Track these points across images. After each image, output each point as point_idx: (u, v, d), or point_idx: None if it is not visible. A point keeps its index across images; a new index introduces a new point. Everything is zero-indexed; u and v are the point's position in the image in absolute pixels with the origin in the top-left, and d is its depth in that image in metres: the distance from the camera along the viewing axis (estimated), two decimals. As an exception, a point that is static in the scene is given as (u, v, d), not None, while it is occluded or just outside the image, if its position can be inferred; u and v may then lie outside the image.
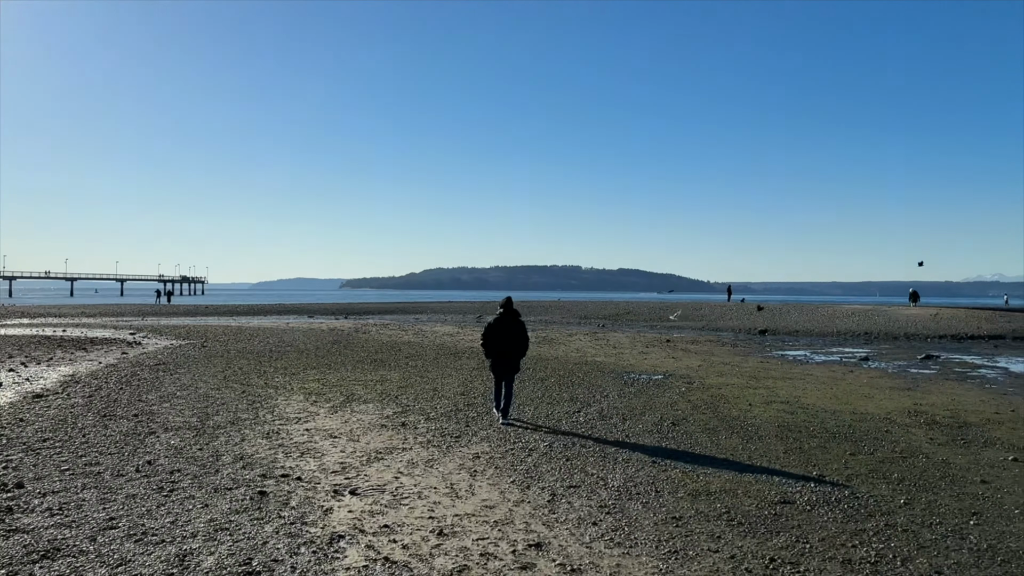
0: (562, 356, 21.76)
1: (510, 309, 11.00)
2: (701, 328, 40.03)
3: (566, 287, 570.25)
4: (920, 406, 12.88)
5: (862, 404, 13.09)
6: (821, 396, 14.10)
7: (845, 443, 9.58)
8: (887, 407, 12.75)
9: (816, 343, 30.40)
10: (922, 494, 7.07)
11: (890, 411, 12.31)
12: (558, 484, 7.41)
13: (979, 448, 9.26)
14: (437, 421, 10.88)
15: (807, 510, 6.59)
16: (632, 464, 8.27)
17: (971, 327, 35.97)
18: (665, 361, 20.76)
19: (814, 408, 12.53)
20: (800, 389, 15.12)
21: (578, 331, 35.19)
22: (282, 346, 23.60)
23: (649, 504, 6.75)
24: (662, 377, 16.93)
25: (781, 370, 19.03)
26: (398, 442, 9.40)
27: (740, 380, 16.51)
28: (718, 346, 27.47)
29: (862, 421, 11.28)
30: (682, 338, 31.31)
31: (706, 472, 7.93)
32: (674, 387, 15.10)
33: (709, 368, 19.06)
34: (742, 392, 14.47)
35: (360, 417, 11.18)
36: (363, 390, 14.06)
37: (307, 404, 12.39)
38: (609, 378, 16.53)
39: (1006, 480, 7.59)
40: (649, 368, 18.79)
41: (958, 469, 8.09)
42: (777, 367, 19.84)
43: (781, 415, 11.76)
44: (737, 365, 20.12)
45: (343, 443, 9.32)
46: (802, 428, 10.63)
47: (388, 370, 17.46)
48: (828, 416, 11.70)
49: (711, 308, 53.76)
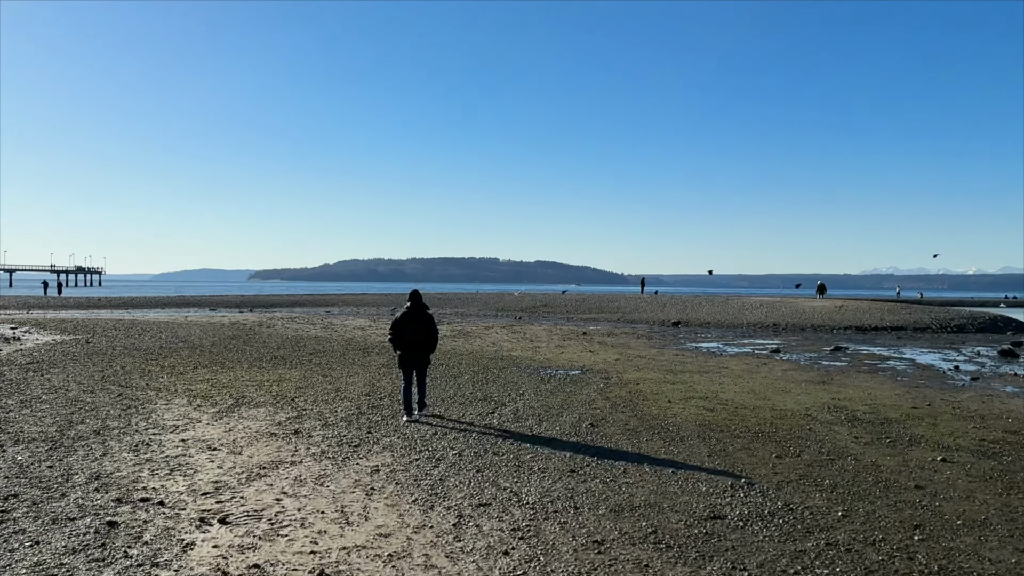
0: (477, 350, 20.93)
1: (418, 302, 10.80)
2: (617, 320, 39.99)
3: (484, 279, 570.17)
4: (838, 401, 12.67)
5: (780, 399, 12.80)
6: (739, 390, 13.76)
7: (769, 443, 9.11)
8: (806, 402, 12.48)
9: (728, 335, 30.65)
10: (859, 504, 6.57)
11: (809, 407, 12.02)
12: (466, 502, 6.54)
13: (905, 447, 8.94)
14: (336, 427, 9.84)
15: (740, 527, 5.96)
16: (549, 474, 7.50)
17: (874, 318, 37.18)
18: (582, 355, 20.23)
19: (733, 404, 12.13)
20: (717, 383, 14.78)
21: (495, 324, 34.45)
22: (174, 342, 21.84)
23: (568, 525, 5.97)
24: (579, 372, 16.33)
25: (697, 363, 18.78)
26: (287, 454, 8.32)
27: (658, 374, 16.09)
28: (634, 338, 27.25)
29: (783, 418, 10.91)
30: (598, 331, 31.01)
31: (628, 482, 7.23)
32: (592, 383, 14.50)
33: (626, 362, 18.61)
34: (661, 387, 13.99)
35: (248, 424, 10.01)
36: (256, 392, 12.83)
37: (190, 409, 11.11)
38: (525, 374, 15.80)
39: (940, 485, 7.20)
40: (566, 363, 18.18)
41: (889, 472, 7.68)
42: (693, 360, 19.60)
43: (702, 412, 11.27)
44: (653, 358, 19.78)
45: (222, 456, 8.18)
46: (724, 427, 10.14)
47: (288, 368, 16.19)
48: (749, 413, 11.29)
49: (626, 300, 54.07)
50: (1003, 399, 13.27)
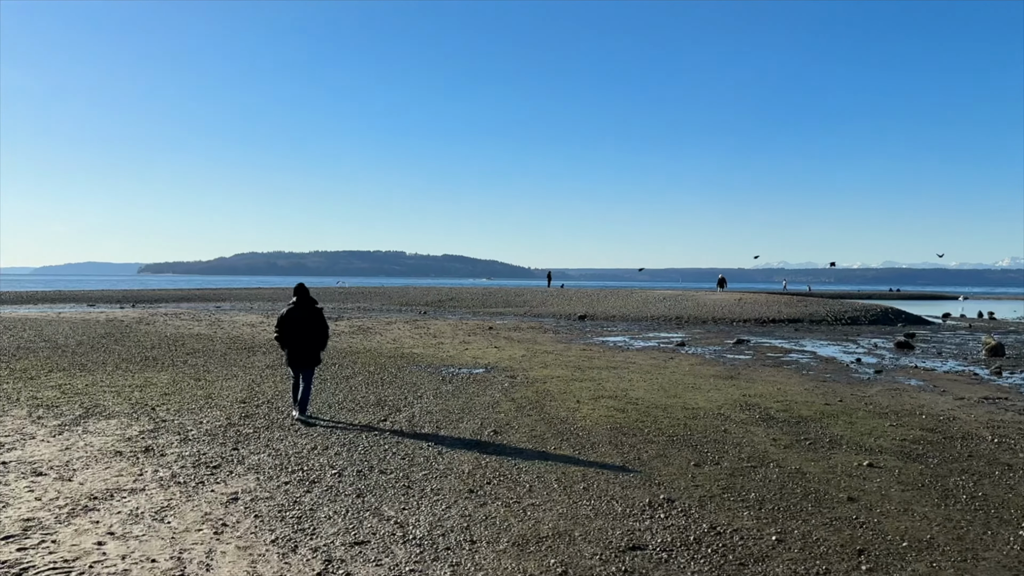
0: (375, 348, 19.63)
1: (305, 296, 10.24)
2: (523, 314, 39.30)
3: (390, 273, 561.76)
4: (750, 398, 12.18)
5: (691, 396, 12.20)
6: (648, 388, 13.12)
7: (685, 448, 8.37)
8: (717, 400, 11.93)
9: (633, 328, 30.42)
10: (792, 523, 5.82)
11: (721, 405, 11.46)
12: (339, 540, 5.39)
13: (827, 450, 8.38)
14: (196, 443, 8.44)
15: (663, 560, 5.09)
16: (443, 497, 6.44)
17: (772, 311, 37.92)
18: (487, 351, 19.26)
19: (644, 403, 11.42)
20: (626, 380, 14.11)
21: (398, 319, 33.07)
22: (36, 341, 19.50)
23: (461, 568, 4.93)
24: (484, 371, 15.35)
25: (604, 358, 18.15)
26: (129, 479, 6.92)
27: (565, 372, 15.30)
28: (540, 333, 26.53)
29: (696, 418, 10.25)
30: (504, 325, 30.16)
31: (534, 504, 6.27)
32: (496, 383, 13.54)
33: (533, 358, 17.77)
34: (569, 386, 13.18)
35: (91, 440, 8.48)
36: (114, 399, 11.18)
37: (27, 422, 9.43)
38: (425, 374, 14.68)
39: (873, 496, 6.57)
40: (470, 360, 17.16)
41: (817, 482, 7.03)
42: (600, 355, 18.98)
43: (612, 414, 10.48)
44: (561, 354, 19.04)
45: (47, 484, 6.71)
46: (636, 430, 9.36)
47: (158, 371, 14.46)
48: (660, 413, 10.59)
49: (533, 294, 53.59)
50: (911, 393, 13.15)
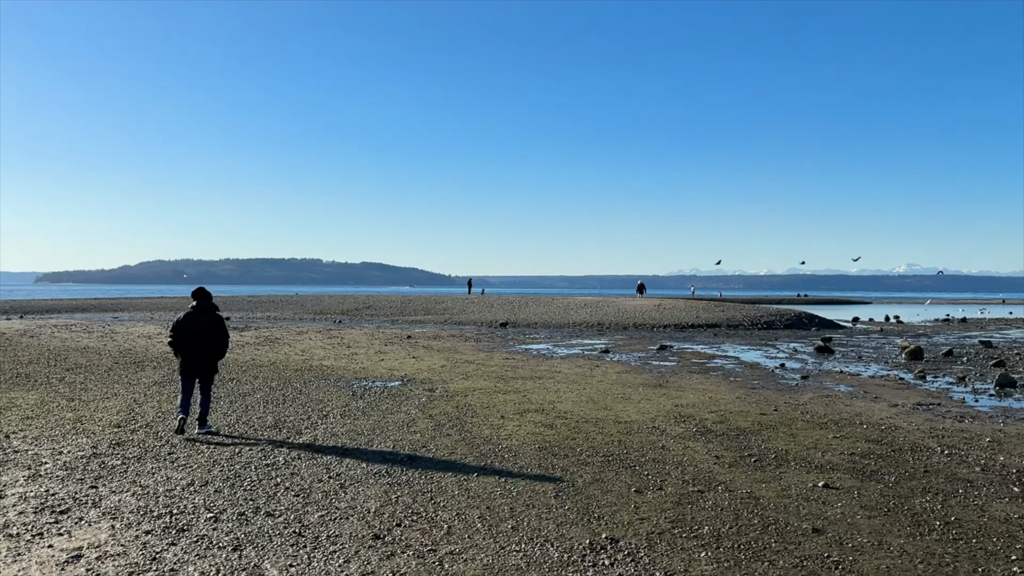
0: (281, 360, 18.15)
1: (205, 302, 9.68)
2: (444, 322, 38.14)
3: (306, 281, 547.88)
4: (682, 408, 11.49)
5: (622, 408, 11.41)
6: (577, 399, 12.28)
7: (623, 471, 7.51)
8: (649, 411, 11.18)
9: (555, 335, 29.75)
10: (758, 567, 4.95)
11: (655, 416, 10.70)
12: (202, 615, 4.22)
13: (776, 469, 7.65)
14: (47, 479, 7.02)
15: (614, 624, 4.14)
16: (342, 547, 5.31)
17: (691, 316, 38.03)
18: (405, 362, 18.08)
19: (574, 417, 10.55)
20: (553, 391, 13.24)
21: (311, 328, 31.38)
22: None
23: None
24: (400, 383, 14.20)
25: (528, 367, 17.27)
26: (-58, 535, 5.50)
27: (488, 383, 14.31)
28: (461, 341, 25.48)
29: (631, 433, 9.43)
30: (424, 333, 28.95)
31: (453, 552, 5.22)
32: (413, 397, 12.42)
33: (453, 369, 16.71)
34: (492, 399, 12.19)
35: (-90, 482, 6.93)
36: (-42, 427, 9.50)
37: None
38: (335, 389, 13.42)
39: (841, 526, 5.80)
40: (386, 372, 15.96)
41: (774, 509, 6.24)
42: (524, 364, 18.10)
43: (540, 430, 9.55)
44: (483, 363, 18.05)
45: None
46: (568, 449, 8.45)
47: (27, 390, 12.69)
48: (592, 428, 9.73)
49: (453, 301, 52.47)
50: (844, 400, 12.75)
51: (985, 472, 7.45)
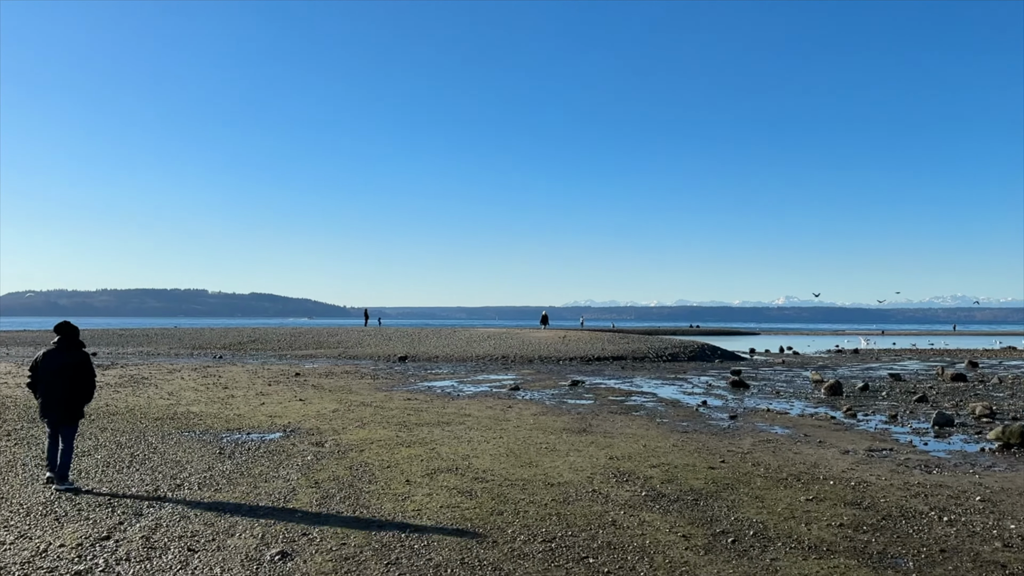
0: (142, 407, 15.43)
1: (70, 338, 8.59)
2: (337, 356, 35.50)
3: (190, 313, 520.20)
4: (619, 462, 9.87)
5: (551, 464, 9.69)
6: (496, 452, 10.47)
7: (576, 568, 5.73)
8: (583, 467, 9.50)
9: (460, 370, 27.88)
10: None
11: (591, 474, 9.02)
12: None
13: (762, 554, 6.05)
14: None
15: None
16: None
17: (597, 349, 37.02)
18: (290, 406, 15.73)
19: (496, 478, 8.73)
20: (465, 441, 11.38)
21: (186, 365, 28.19)
22: None
23: None
24: (281, 435, 11.97)
25: (434, 410, 15.32)
26: None
27: (388, 432, 12.28)
28: (357, 379, 23.19)
29: (569, 501, 7.70)
30: (314, 370, 26.39)
31: None
32: (296, 455, 10.26)
33: (347, 414, 14.54)
34: (394, 455, 10.20)
35: None
36: None
37: None
38: (199, 445, 11.05)
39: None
40: (265, 421, 13.63)
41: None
42: (428, 405, 16.13)
43: (456, 501, 7.68)
44: (381, 406, 15.95)
45: None
46: (496, 531, 6.61)
47: None
48: (521, 495, 7.93)
49: (348, 333, 49.64)
50: (788, 446, 11.49)
51: (1009, 549, 6.14)
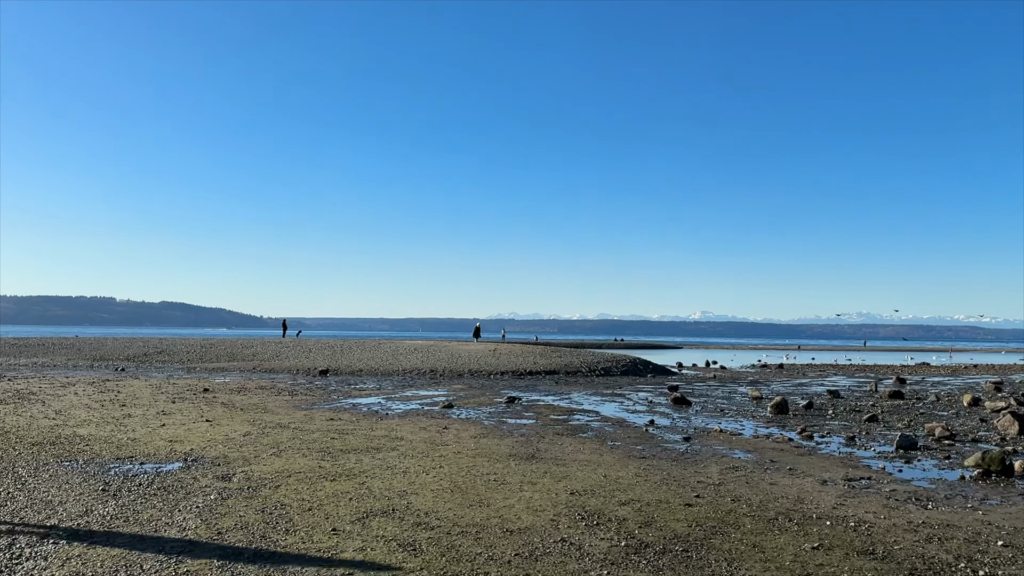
0: (21, 428, 13.29)
1: None
2: (252, 370, 33.14)
3: (97, 322, 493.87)
4: (583, 498, 8.59)
5: (505, 501, 8.33)
6: (437, 486, 9.03)
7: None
8: (542, 505, 8.17)
9: (386, 385, 26.18)
10: None
11: (555, 516, 7.70)
12: None
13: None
14: None
15: None
16: None
17: (529, 363, 35.88)
18: (195, 428, 13.84)
19: (443, 524, 7.30)
20: (401, 473, 9.89)
21: (83, 379, 25.53)
22: None
23: None
24: (181, 466, 10.19)
25: (361, 432, 13.73)
26: None
27: (309, 460, 10.66)
28: (273, 395, 21.25)
29: (536, 557, 6.35)
30: (226, 385, 24.21)
31: None
32: (197, 492, 8.56)
33: (261, 438, 12.80)
34: (316, 492, 8.63)
35: None
36: None
37: None
38: (80, 478, 9.19)
39: None
40: (164, 447, 11.76)
41: None
42: (354, 426, 14.51)
43: (397, 558, 6.22)
44: (301, 427, 14.24)
45: None
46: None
47: None
48: (475, 548, 6.54)
49: (264, 345, 46.96)
50: (760, 474, 10.44)
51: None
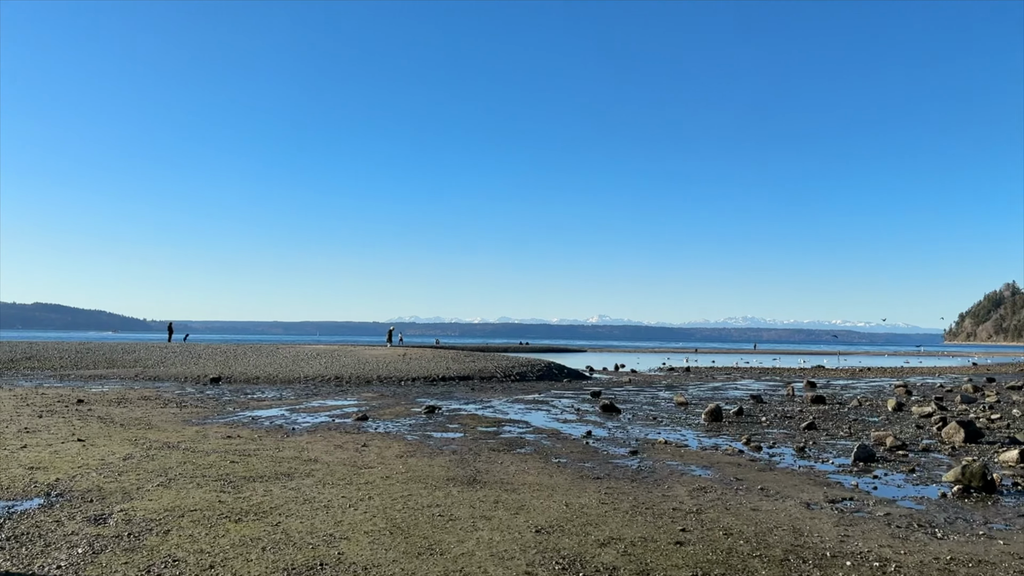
0: None
1: None
2: (134, 377, 30.00)
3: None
4: (552, 538, 7.18)
5: (460, 547, 6.82)
6: (373, 529, 7.42)
7: None
8: (510, 551, 6.70)
9: (288, 394, 23.97)
10: None
11: (528, 566, 6.27)
12: None
13: None
14: None
15: None
16: None
17: (441, 368, 34.28)
18: (64, 449, 11.55)
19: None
20: (322, 508, 8.20)
21: (-77, 390, 22.10)
22: None
23: None
24: (41, 503, 8.13)
25: (267, 453, 11.84)
26: None
27: (206, 493, 8.78)
28: (158, 407, 18.80)
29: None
30: (104, 395, 21.39)
31: None
32: (60, 542, 6.61)
33: (146, 461, 10.72)
34: (218, 540, 6.84)
35: None
36: None
37: None
38: None
39: None
40: (21, 476, 9.54)
41: None
42: (257, 445, 12.58)
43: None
44: (193, 447, 12.19)
45: None
46: None
47: None
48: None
49: (148, 350, 43.17)
50: (734, 498, 9.29)
51: None
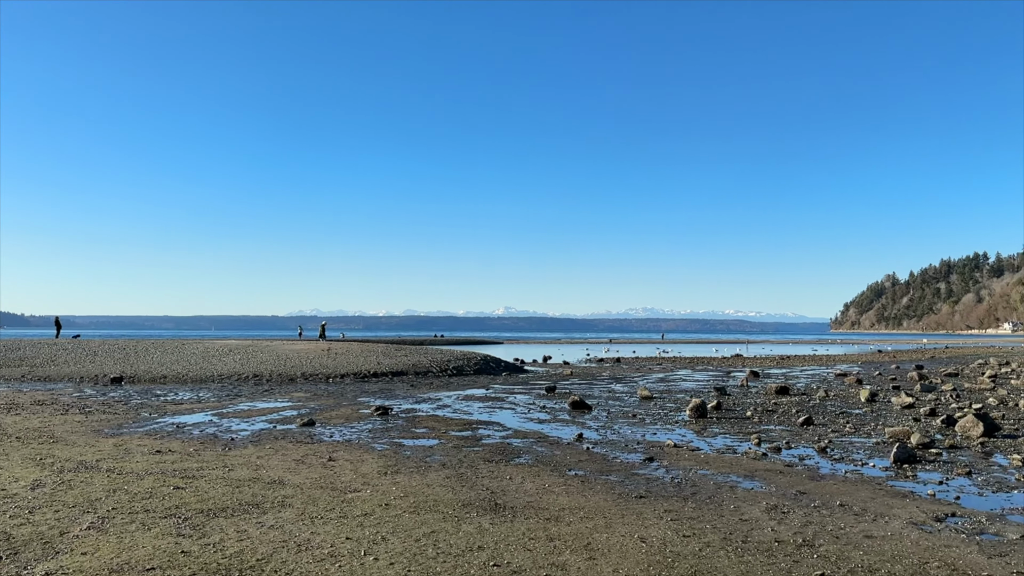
0: None
1: None
2: (21, 379, 26.20)
3: None
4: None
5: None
6: None
7: None
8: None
9: (207, 395, 21.18)
10: None
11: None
12: None
13: None
14: None
15: None
16: None
17: (371, 363, 31.84)
18: (-60, 482, 8.84)
19: None
20: (328, 560, 6.17)
21: None
22: None
23: None
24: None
25: (214, 473, 9.52)
26: None
27: (158, 541, 6.51)
28: (58, 413, 15.89)
29: None
30: (-15, 403, 18.04)
31: None
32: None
33: (61, 491, 8.23)
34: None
35: None
36: None
37: None
38: None
39: None
40: None
41: None
42: (198, 462, 10.22)
43: None
44: (119, 467, 9.73)
45: None
46: None
47: None
48: None
49: (35, 347, 38.43)
50: (821, 518, 7.78)
51: None
